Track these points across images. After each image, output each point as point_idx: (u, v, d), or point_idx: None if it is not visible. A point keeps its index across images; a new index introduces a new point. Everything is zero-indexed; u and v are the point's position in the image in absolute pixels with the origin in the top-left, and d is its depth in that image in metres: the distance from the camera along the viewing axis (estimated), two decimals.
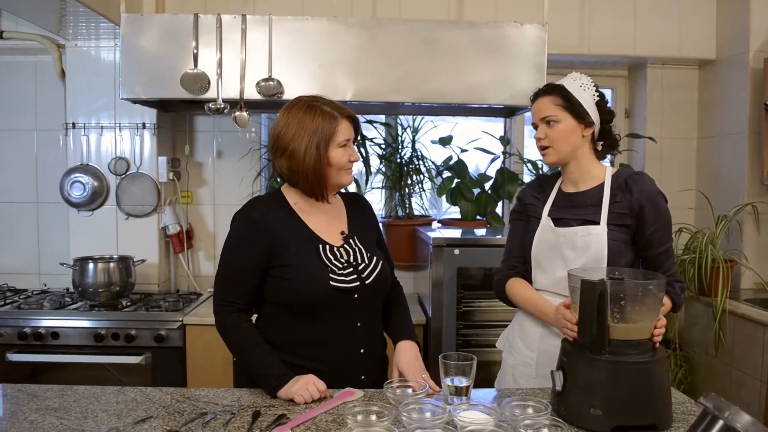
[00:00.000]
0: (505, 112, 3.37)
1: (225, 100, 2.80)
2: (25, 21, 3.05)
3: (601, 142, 1.86)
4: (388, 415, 1.42)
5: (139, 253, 3.21)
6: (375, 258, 1.81)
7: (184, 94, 2.78)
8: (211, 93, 2.78)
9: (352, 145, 1.79)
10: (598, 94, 1.82)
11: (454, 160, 3.47)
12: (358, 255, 1.79)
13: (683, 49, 3.38)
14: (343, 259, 1.76)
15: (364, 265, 1.78)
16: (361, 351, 1.78)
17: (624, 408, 1.45)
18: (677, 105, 3.56)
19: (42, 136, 3.45)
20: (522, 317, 1.96)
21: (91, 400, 1.63)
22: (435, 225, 3.43)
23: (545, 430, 1.38)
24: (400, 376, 1.76)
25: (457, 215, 3.45)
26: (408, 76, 2.84)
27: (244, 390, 1.73)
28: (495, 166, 3.51)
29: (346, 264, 1.75)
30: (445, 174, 3.50)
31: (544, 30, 2.86)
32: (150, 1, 3.16)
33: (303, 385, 1.62)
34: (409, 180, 3.49)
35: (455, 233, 2.99)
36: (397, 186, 3.49)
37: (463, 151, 3.48)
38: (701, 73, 3.54)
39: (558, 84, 1.84)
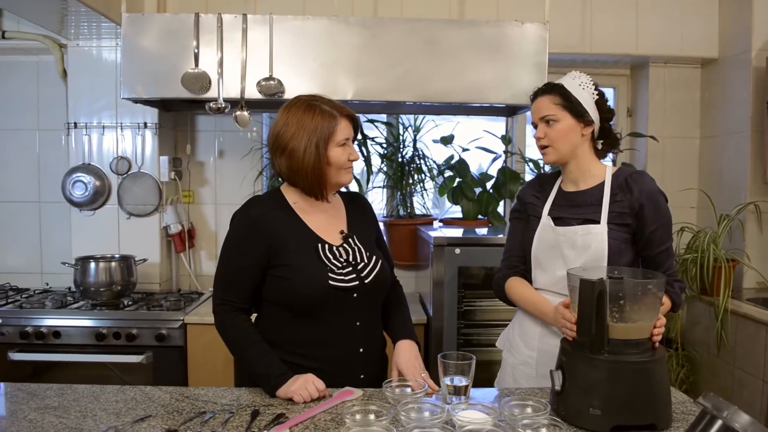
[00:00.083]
0: (507, 111, 3.37)
1: (226, 100, 2.80)
2: (27, 21, 3.06)
3: (601, 141, 1.86)
4: (386, 415, 1.42)
5: (140, 253, 3.21)
6: (374, 257, 1.81)
7: (185, 93, 2.78)
8: (212, 92, 2.79)
9: (352, 144, 1.79)
10: (597, 92, 1.81)
11: (455, 159, 3.47)
12: (358, 254, 1.79)
13: (685, 47, 3.37)
14: (342, 259, 1.76)
15: (363, 264, 1.78)
16: (361, 350, 1.78)
17: (623, 408, 1.44)
18: (679, 104, 3.54)
19: (44, 136, 3.46)
20: (522, 317, 1.95)
21: (91, 399, 1.63)
22: (436, 224, 3.43)
23: (544, 430, 1.37)
24: (400, 375, 1.76)
25: (459, 215, 3.45)
26: (409, 75, 2.84)
27: (243, 389, 1.73)
28: (496, 166, 3.51)
29: (345, 263, 1.75)
30: (447, 173, 3.50)
31: (545, 29, 2.85)
32: (151, 1, 3.16)
33: (302, 384, 1.62)
34: (411, 179, 3.48)
35: (456, 232, 2.98)
36: (398, 185, 3.49)
37: (464, 150, 3.48)
38: (703, 72, 3.52)
39: (557, 83, 1.83)
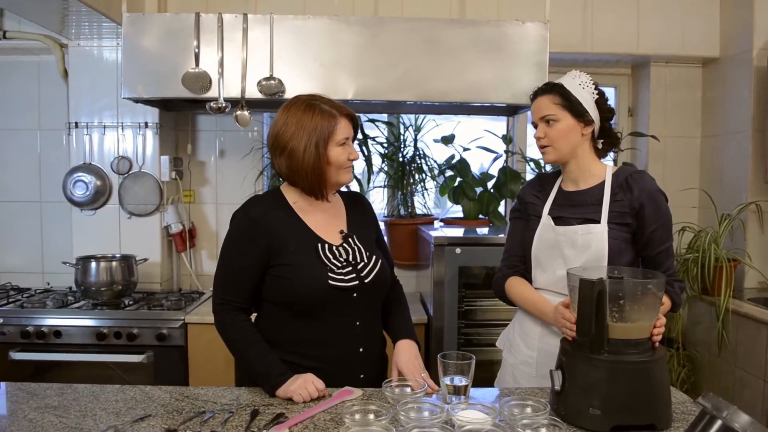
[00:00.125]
0: (508, 110, 3.36)
1: (226, 99, 2.80)
2: (28, 21, 3.06)
3: (602, 141, 1.85)
4: (385, 415, 1.42)
5: (141, 252, 3.21)
6: (374, 257, 1.81)
7: (185, 93, 2.78)
8: (212, 92, 2.79)
9: (352, 144, 1.79)
10: (597, 92, 1.81)
11: (456, 158, 3.46)
12: (357, 254, 1.79)
13: (686, 47, 3.36)
14: (342, 258, 1.75)
15: (363, 264, 1.77)
16: (360, 350, 1.78)
17: (623, 408, 1.44)
18: (680, 103, 3.54)
19: (45, 136, 3.46)
20: (522, 316, 1.95)
21: (91, 399, 1.63)
22: (437, 224, 3.43)
23: (543, 430, 1.37)
24: (399, 375, 1.76)
25: (461, 214, 3.44)
26: (409, 74, 2.84)
27: (242, 389, 1.73)
28: (497, 165, 3.51)
29: (345, 263, 1.75)
30: (448, 173, 3.50)
31: (546, 28, 2.85)
32: (152, 1, 3.16)
33: (301, 384, 1.62)
34: (412, 179, 3.48)
35: (457, 232, 2.98)
36: (399, 185, 3.48)
37: (465, 149, 3.48)
38: (705, 71, 3.52)
39: (557, 83, 1.83)
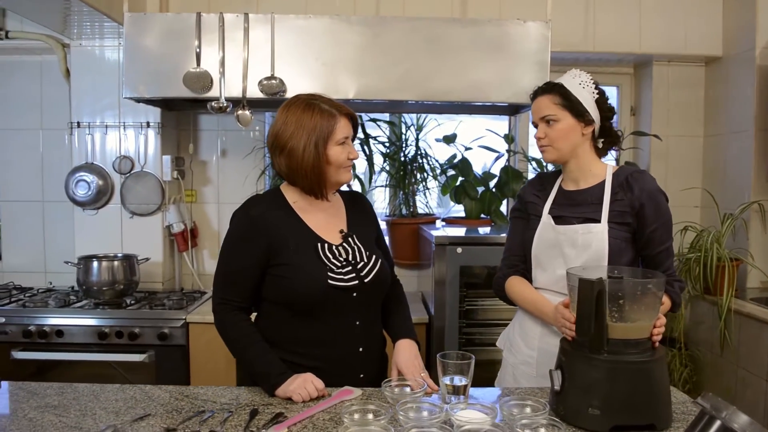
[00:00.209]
0: (509, 110, 3.36)
1: (228, 99, 2.81)
2: (29, 21, 3.07)
3: (602, 140, 1.85)
4: (385, 414, 1.42)
5: (143, 252, 3.22)
6: (374, 256, 1.81)
7: (186, 93, 2.79)
8: (213, 92, 2.79)
9: (351, 143, 1.79)
10: (597, 91, 1.80)
11: (458, 158, 3.46)
12: (357, 253, 1.78)
13: (689, 46, 3.35)
14: (341, 258, 1.75)
15: (363, 263, 1.77)
16: (360, 350, 1.78)
17: (622, 408, 1.43)
18: (683, 102, 3.52)
19: (47, 136, 3.47)
20: (522, 316, 1.95)
21: (91, 398, 1.63)
22: (439, 223, 3.42)
23: (542, 430, 1.37)
24: (399, 374, 1.76)
25: (463, 214, 3.44)
26: (411, 74, 2.84)
27: (242, 388, 1.73)
28: (499, 164, 3.50)
29: (344, 262, 1.75)
30: (450, 172, 3.49)
31: (547, 27, 2.84)
32: (153, 1, 3.16)
33: (301, 384, 1.62)
34: (413, 178, 3.48)
35: (458, 232, 2.98)
36: (401, 184, 3.48)
37: (467, 149, 3.47)
38: (707, 70, 3.50)
39: (557, 82, 1.82)
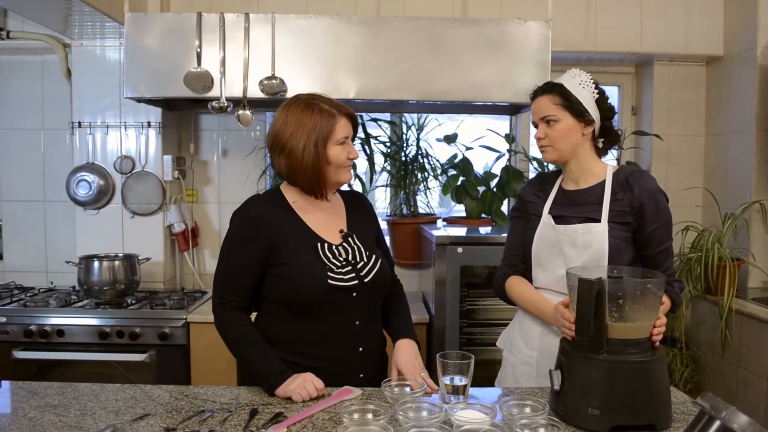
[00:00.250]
0: (510, 109, 3.35)
1: (228, 99, 2.80)
2: (31, 21, 3.07)
3: (602, 139, 1.85)
4: (384, 414, 1.42)
5: (144, 252, 3.22)
6: (374, 256, 1.80)
7: (187, 92, 2.79)
8: (214, 91, 2.79)
9: (351, 143, 1.79)
10: (597, 91, 1.80)
11: (459, 158, 3.46)
12: (357, 253, 1.78)
13: (690, 45, 3.34)
14: (341, 258, 1.75)
15: (363, 263, 1.77)
16: (360, 349, 1.78)
17: (622, 408, 1.43)
18: (684, 102, 3.52)
19: (48, 136, 3.47)
20: (522, 316, 1.94)
21: (91, 398, 1.64)
22: (440, 223, 3.42)
23: (542, 430, 1.37)
24: (399, 374, 1.76)
25: (464, 214, 3.43)
26: (412, 73, 2.84)
27: (242, 388, 1.73)
28: (500, 164, 3.50)
29: (344, 262, 1.75)
30: (450, 172, 3.49)
31: (548, 27, 2.84)
32: (154, 1, 3.16)
33: (300, 383, 1.62)
34: (414, 178, 3.48)
35: (459, 231, 2.98)
36: (401, 184, 3.48)
37: (468, 148, 3.47)
38: (708, 69, 3.50)
39: (557, 83, 1.82)
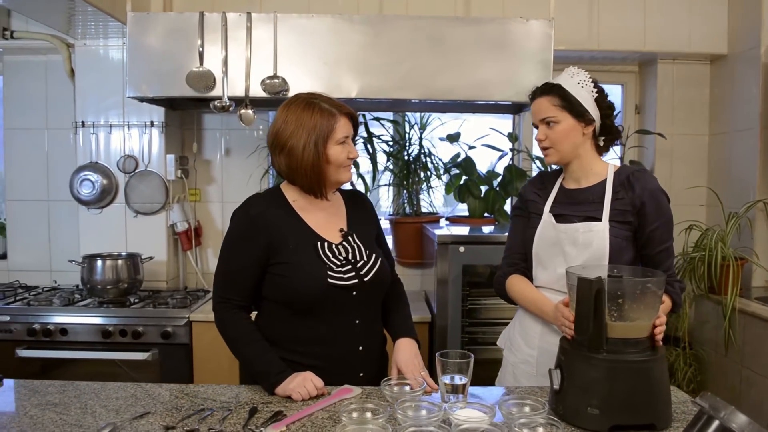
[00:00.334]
0: (513, 108, 3.35)
1: (230, 98, 2.81)
2: (34, 21, 3.09)
3: (603, 138, 1.84)
4: (383, 413, 1.42)
5: (147, 251, 3.23)
6: (374, 255, 1.81)
7: (189, 92, 2.79)
8: (216, 91, 2.80)
9: (351, 142, 1.79)
10: (596, 89, 1.79)
11: (461, 157, 3.45)
12: (357, 252, 1.78)
13: (694, 44, 3.33)
14: (341, 257, 1.75)
15: (363, 262, 1.77)
16: (360, 348, 1.78)
17: (622, 407, 1.43)
18: (688, 101, 3.50)
19: (52, 135, 3.48)
20: (523, 315, 1.94)
21: (91, 396, 1.64)
22: (442, 222, 3.42)
23: (541, 429, 1.36)
24: (399, 373, 1.76)
25: (467, 213, 3.43)
26: (414, 72, 2.84)
27: (242, 386, 1.74)
28: (503, 163, 3.49)
29: (344, 261, 1.75)
30: (453, 171, 3.49)
31: (550, 26, 2.83)
32: (157, 0, 3.17)
33: (300, 382, 1.63)
34: (417, 177, 3.48)
35: (462, 230, 2.97)
36: (404, 183, 3.48)
37: (470, 148, 3.47)
38: (712, 68, 3.48)
39: (555, 83, 1.81)
